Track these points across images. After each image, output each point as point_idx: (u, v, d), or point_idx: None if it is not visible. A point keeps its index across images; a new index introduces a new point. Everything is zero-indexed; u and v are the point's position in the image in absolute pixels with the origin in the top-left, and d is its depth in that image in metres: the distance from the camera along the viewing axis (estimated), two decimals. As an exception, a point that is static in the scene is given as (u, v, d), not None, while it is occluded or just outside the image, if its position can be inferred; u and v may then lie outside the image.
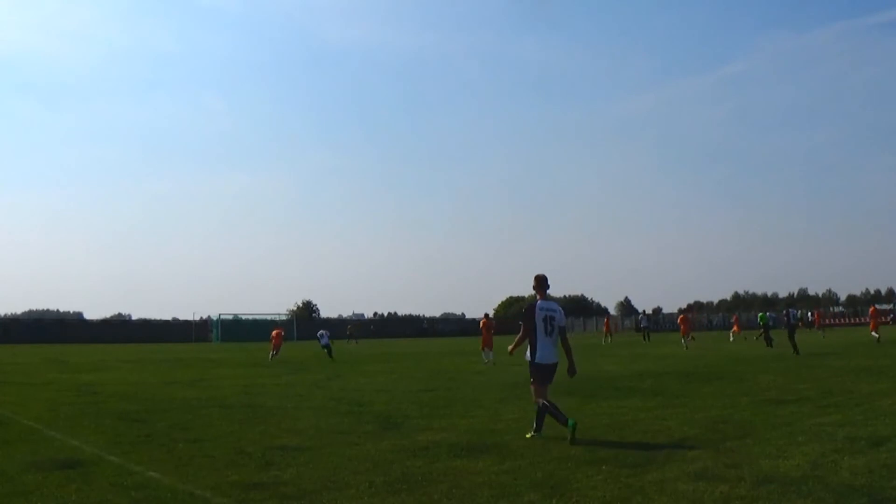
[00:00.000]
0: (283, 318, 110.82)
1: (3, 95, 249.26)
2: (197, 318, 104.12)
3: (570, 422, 11.63)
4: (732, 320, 74.29)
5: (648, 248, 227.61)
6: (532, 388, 12.49)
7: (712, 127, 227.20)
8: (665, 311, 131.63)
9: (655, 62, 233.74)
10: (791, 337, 35.36)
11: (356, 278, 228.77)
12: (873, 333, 46.15)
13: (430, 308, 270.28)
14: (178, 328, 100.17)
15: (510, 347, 13.19)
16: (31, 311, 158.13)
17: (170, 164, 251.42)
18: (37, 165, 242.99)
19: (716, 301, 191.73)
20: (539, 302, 12.46)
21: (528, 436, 12.29)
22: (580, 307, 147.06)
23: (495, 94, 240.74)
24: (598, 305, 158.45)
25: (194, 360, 43.17)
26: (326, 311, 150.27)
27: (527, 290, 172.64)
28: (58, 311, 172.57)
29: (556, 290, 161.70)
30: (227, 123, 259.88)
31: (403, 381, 24.67)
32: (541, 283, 12.60)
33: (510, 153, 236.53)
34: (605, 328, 66.02)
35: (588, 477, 9.14)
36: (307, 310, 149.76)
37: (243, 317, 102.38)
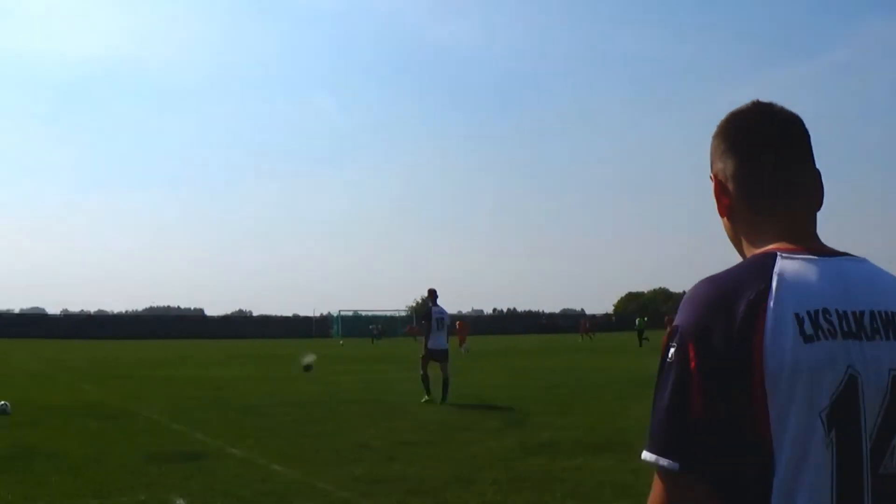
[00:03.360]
0: (403, 313, 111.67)
1: (116, 102, 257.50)
2: (317, 314, 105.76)
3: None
4: None
5: None
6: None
7: (811, 117, 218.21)
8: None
9: (752, 51, 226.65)
10: None
11: (475, 274, 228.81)
12: None
13: (549, 304, 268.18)
14: (299, 324, 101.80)
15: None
16: (152, 308, 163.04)
17: (283, 164, 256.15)
18: (155, 168, 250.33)
19: None
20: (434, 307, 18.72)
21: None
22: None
23: (595, 87, 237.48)
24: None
25: (317, 355, 43.81)
26: (447, 307, 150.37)
27: (647, 284, 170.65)
28: (179, 307, 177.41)
29: (676, 286, 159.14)
30: (338, 122, 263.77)
31: (525, 378, 24.65)
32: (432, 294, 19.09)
33: (615, 146, 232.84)
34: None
35: None
36: (426, 306, 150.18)
37: (363, 313, 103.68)
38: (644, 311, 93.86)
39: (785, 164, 1.74)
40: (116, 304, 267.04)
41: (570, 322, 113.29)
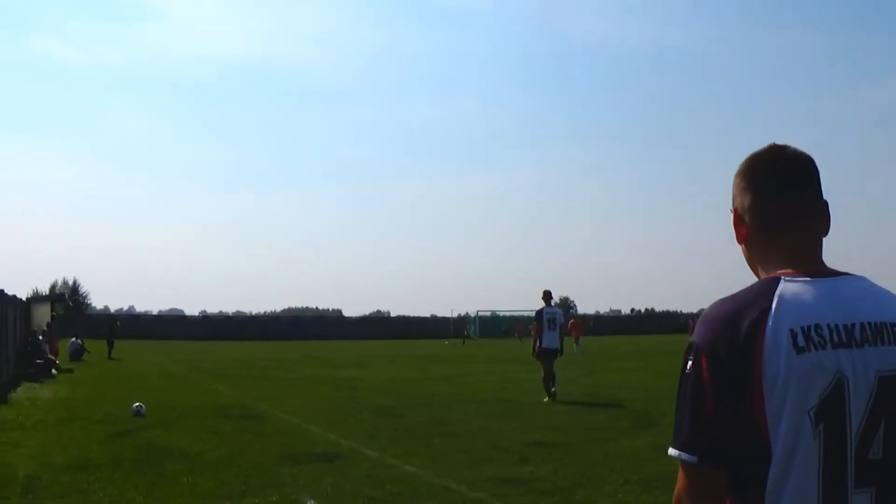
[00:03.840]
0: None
1: (259, 103, 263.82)
2: (455, 314, 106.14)
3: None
4: None
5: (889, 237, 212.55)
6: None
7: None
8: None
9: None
10: None
11: (611, 272, 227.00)
12: None
13: (688, 303, 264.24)
14: (436, 325, 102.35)
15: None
16: (290, 309, 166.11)
17: (427, 165, 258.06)
18: (296, 170, 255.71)
19: None
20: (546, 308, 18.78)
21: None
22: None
23: (744, 85, 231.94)
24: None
25: (451, 356, 43.94)
26: (583, 307, 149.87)
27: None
28: (317, 308, 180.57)
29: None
30: (481, 123, 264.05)
31: (659, 379, 24.07)
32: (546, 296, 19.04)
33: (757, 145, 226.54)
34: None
35: None
36: (564, 306, 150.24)
37: (501, 313, 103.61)
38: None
39: (793, 199, 2.11)
40: (255, 305, 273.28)
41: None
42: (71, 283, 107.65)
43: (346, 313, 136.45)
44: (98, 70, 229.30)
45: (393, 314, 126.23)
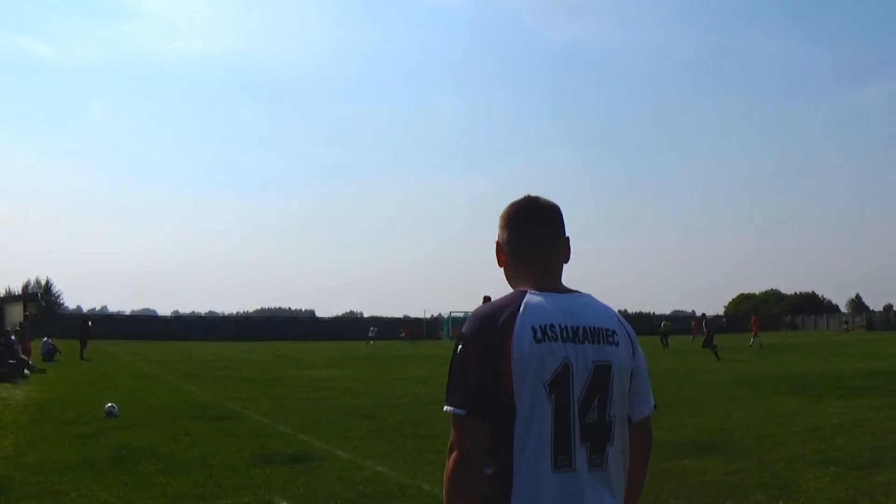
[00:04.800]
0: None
1: (232, 102, 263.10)
2: (428, 315, 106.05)
3: None
4: None
5: (880, 242, 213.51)
6: None
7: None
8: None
9: (879, 51, 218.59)
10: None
11: (588, 275, 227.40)
12: None
13: (662, 305, 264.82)
14: (409, 325, 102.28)
15: None
16: (263, 310, 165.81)
17: (402, 166, 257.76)
18: (270, 171, 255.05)
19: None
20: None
21: None
22: (811, 304, 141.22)
23: (725, 88, 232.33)
24: (830, 303, 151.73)
25: (424, 356, 43.95)
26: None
27: (762, 285, 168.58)
28: (290, 308, 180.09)
29: (788, 287, 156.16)
30: (456, 125, 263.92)
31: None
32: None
33: (742, 149, 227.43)
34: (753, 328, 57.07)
35: (815, 478, 9.13)
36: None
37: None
38: (755, 311, 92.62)
39: (538, 235, 2.92)
40: (228, 305, 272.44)
41: (678, 323, 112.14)
42: (44, 282, 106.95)
43: (319, 314, 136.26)
44: (76, 68, 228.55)
45: (366, 315, 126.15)
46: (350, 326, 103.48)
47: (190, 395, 20.70)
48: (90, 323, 45.67)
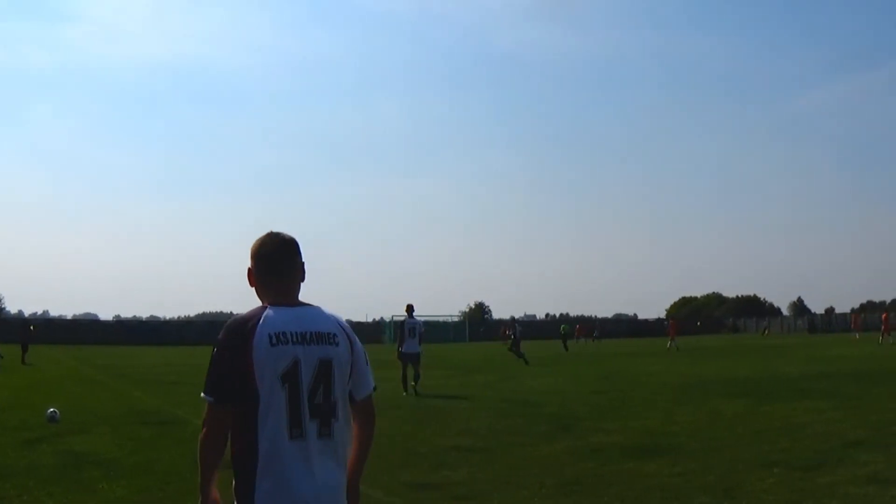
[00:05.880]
0: (456, 319, 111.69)
1: (180, 107, 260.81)
2: (370, 319, 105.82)
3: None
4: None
5: (820, 246, 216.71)
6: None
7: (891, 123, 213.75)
8: (838, 310, 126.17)
9: (826, 56, 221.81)
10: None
11: (529, 279, 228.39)
12: None
13: (602, 309, 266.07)
14: (355, 330, 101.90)
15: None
16: (204, 314, 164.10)
17: (349, 170, 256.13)
18: (212, 174, 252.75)
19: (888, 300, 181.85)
20: (408, 319, 22.27)
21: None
22: (753, 307, 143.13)
23: (672, 93, 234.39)
24: (772, 306, 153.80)
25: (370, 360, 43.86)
26: (498, 312, 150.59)
27: (703, 289, 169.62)
28: (231, 312, 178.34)
29: (729, 290, 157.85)
30: (403, 128, 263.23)
31: (575, 383, 24.54)
32: (408, 308, 22.60)
33: (687, 153, 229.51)
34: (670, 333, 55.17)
35: (760, 480, 9.17)
36: (480, 311, 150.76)
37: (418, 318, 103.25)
38: (697, 315, 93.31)
39: (278, 261, 3.76)
40: (169, 310, 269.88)
41: (621, 327, 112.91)
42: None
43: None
44: (21, 70, 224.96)
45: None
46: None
47: (134, 400, 20.58)
48: (32, 327, 45.28)
